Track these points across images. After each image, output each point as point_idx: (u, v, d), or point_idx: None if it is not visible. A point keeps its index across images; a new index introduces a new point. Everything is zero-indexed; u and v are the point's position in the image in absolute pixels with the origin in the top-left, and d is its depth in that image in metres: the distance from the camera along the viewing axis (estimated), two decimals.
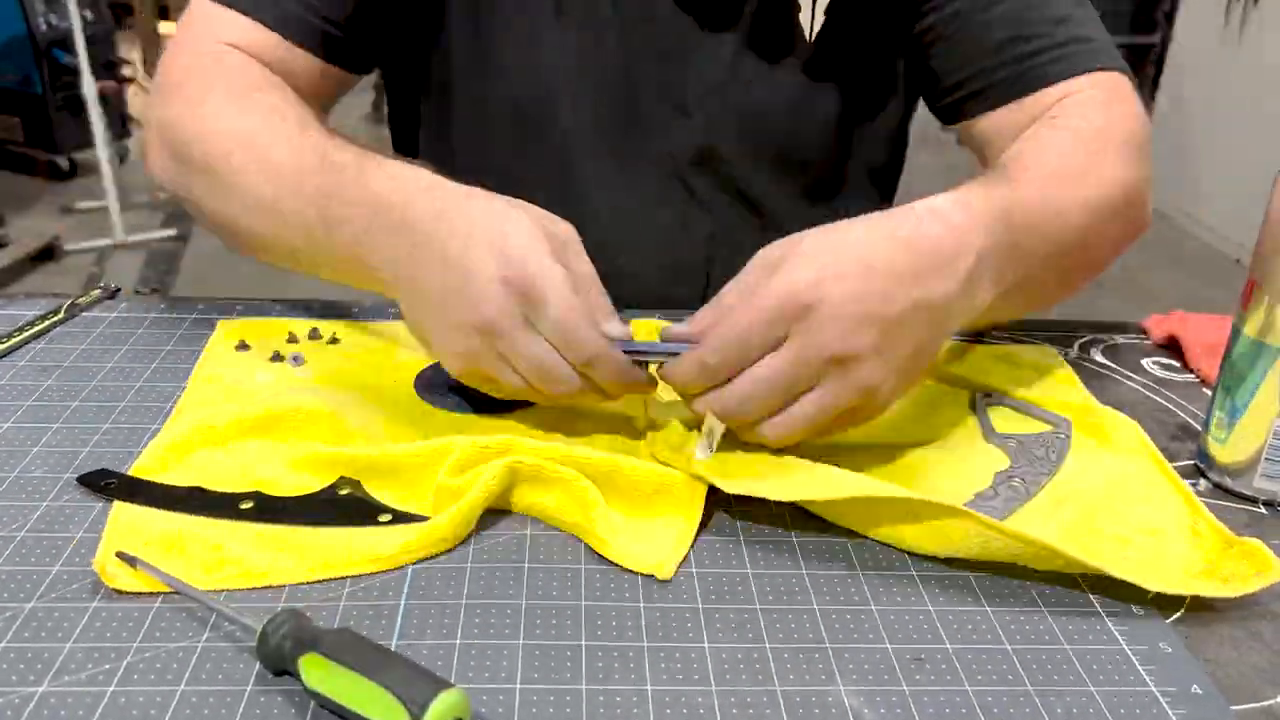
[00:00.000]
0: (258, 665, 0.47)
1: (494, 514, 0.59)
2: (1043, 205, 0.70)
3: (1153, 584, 0.55)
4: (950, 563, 0.57)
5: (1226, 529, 0.60)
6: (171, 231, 3.68)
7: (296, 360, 0.74)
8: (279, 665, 0.47)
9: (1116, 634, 0.53)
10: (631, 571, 0.55)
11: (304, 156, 0.69)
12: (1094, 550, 0.57)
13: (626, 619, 0.52)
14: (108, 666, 0.48)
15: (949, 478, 0.66)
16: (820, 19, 0.87)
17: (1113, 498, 0.64)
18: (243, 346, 0.75)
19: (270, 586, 0.53)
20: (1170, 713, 0.48)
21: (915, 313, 0.59)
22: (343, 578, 0.54)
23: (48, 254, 3.47)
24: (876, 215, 0.62)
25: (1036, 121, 0.81)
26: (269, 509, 0.58)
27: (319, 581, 0.53)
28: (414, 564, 0.55)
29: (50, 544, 0.55)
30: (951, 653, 0.51)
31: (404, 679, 0.43)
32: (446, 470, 0.58)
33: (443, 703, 0.42)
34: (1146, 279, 3.79)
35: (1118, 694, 0.49)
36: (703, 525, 0.59)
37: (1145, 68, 4.64)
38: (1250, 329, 0.64)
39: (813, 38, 0.88)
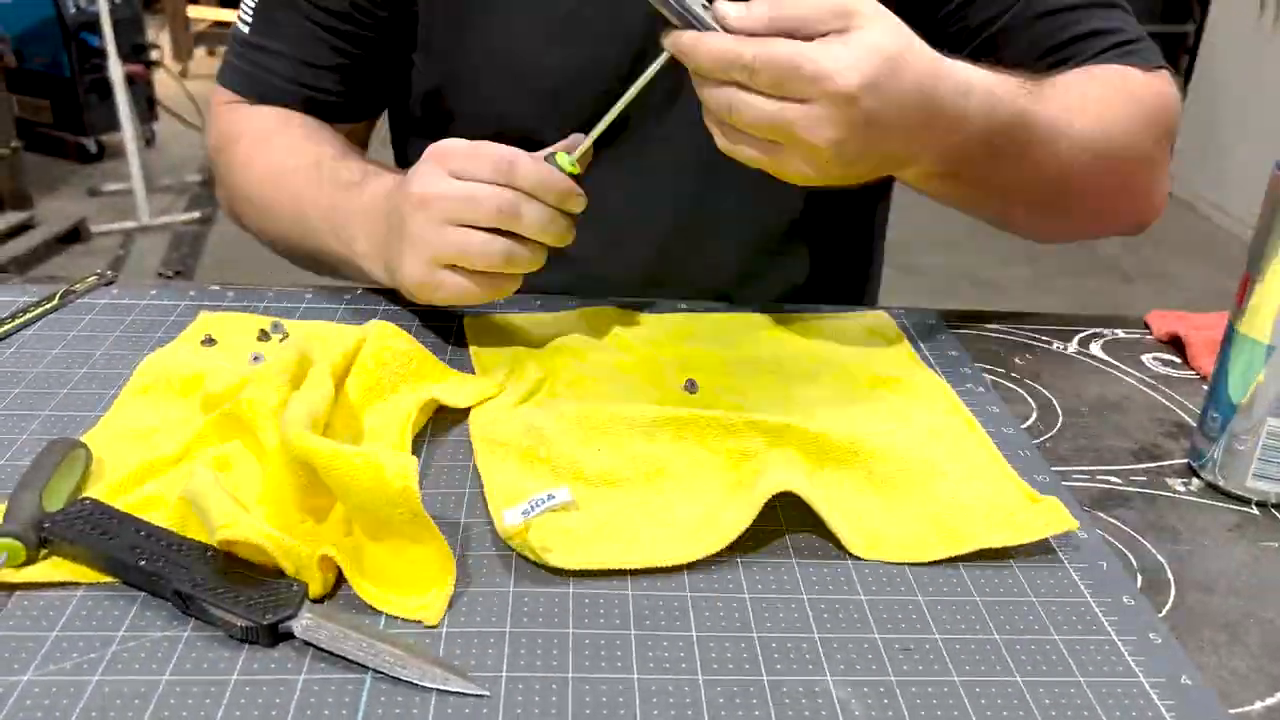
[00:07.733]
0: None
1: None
2: (1048, 122, 0.74)
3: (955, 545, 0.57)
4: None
5: (1030, 486, 0.62)
6: (195, 214, 3.70)
7: (257, 359, 0.72)
8: None
9: (1106, 624, 0.52)
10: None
11: (318, 185, 0.82)
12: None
13: (614, 606, 0.52)
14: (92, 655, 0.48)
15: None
16: None
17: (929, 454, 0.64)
18: (208, 341, 0.74)
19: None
20: (1159, 704, 0.48)
21: (919, 101, 0.63)
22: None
23: (75, 235, 3.50)
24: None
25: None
26: None
27: None
28: None
29: None
30: (940, 643, 0.51)
31: None
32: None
33: None
34: (1171, 270, 3.74)
35: (1106, 684, 0.49)
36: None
37: (1178, 56, 4.56)
38: (1244, 326, 0.63)
39: None
